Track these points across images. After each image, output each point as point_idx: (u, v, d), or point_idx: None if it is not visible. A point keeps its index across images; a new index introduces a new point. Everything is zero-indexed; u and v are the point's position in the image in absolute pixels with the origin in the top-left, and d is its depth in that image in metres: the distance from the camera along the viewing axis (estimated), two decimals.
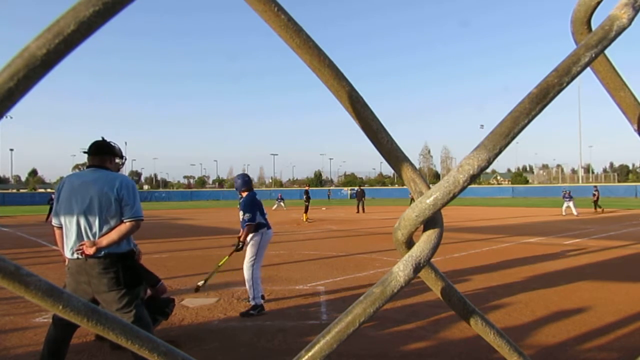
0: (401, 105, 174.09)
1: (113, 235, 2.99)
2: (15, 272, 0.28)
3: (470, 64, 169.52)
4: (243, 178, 5.51)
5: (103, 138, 3.30)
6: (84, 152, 3.25)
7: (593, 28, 0.39)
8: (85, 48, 0.29)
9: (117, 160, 3.33)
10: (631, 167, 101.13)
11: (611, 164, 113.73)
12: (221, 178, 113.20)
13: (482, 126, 77.16)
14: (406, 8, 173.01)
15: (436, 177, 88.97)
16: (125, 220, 3.04)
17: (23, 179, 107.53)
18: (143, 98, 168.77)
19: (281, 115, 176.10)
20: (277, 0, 0.33)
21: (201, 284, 5.48)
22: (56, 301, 0.29)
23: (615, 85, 0.43)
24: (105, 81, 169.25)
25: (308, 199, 22.18)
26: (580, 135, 75.28)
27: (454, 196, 0.34)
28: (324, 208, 32.84)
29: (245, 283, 5.13)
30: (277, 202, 31.70)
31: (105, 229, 3.00)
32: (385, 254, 9.30)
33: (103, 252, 2.98)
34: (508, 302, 5.35)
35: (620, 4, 0.35)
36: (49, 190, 56.95)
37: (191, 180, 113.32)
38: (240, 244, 5.22)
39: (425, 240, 0.36)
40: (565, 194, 21.91)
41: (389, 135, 0.37)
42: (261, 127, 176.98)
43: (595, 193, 23.52)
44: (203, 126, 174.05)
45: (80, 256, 2.97)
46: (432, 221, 0.36)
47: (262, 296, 5.19)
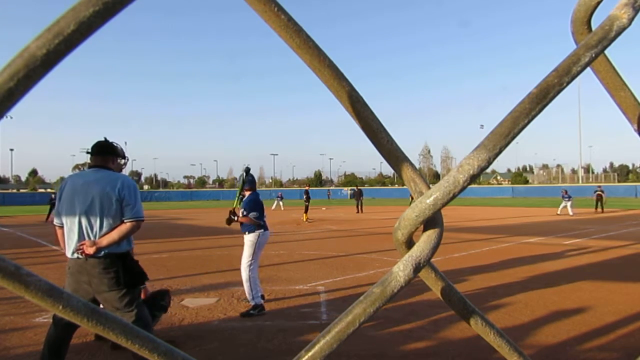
0: (401, 105, 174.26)
1: (113, 235, 2.99)
2: (15, 272, 0.28)
3: (469, 65, 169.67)
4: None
5: (105, 138, 3.32)
6: (87, 153, 3.26)
7: (593, 28, 0.39)
8: (85, 48, 0.29)
9: (120, 160, 3.36)
10: (631, 167, 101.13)
11: (611, 164, 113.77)
12: (221, 178, 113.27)
13: (482, 126, 77.22)
14: (406, 8, 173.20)
15: (436, 177, 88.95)
16: (125, 220, 3.04)
17: (23, 179, 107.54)
18: (143, 98, 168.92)
19: (281, 115, 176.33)
20: (277, 0, 0.33)
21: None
22: (56, 301, 0.29)
23: (615, 85, 0.43)
24: (105, 81, 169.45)
25: (308, 199, 22.20)
26: (580, 135, 75.32)
27: (454, 196, 0.34)
28: (324, 208, 32.84)
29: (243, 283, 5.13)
30: (277, 201, 31.74)
31: (105, 229, 3.01)
32: (385, 254, 9.30)
33: (103, 252, 2.99)
34: (508, 302, 5.35)
35: (620, 4, 0.35)
36: (49, 190, 57.03)
37: (191, 180, 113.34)
38: (233, 218, 5.26)
39: (425, 240, 0.36)
40: (564, 194, 21.95)
41: (389, 135, 0.37)
42: (261, 127, 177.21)
43: (600, 193, 23.53)
44: (203, 126, 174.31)
45: (80, 256, 2.98)
46: (432, 221, 0.36)
47: (262, 296, 5.19)
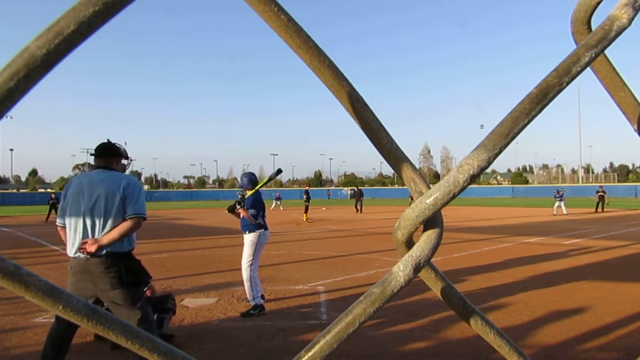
0: (401, 105, 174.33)
1: (114, 233, 2.99)
2: (15, 272, 0.28)
3: (470, 64, 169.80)
4: (249, 177, 5.53)
5: (109, 140, 3.33)
6: (91, 154, 3.28)
7: (593, 28, 0.39)
8: (85, 48, 0.29)
9: (123, 161, 3.38)
10: (631, 167, 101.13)
11: (611, 164, 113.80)
12: (221, 178, 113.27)
13: (482, 126, 77.26)
14: (406, 8, 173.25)
15: (436, 177, 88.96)
16: (127, 217, 3.05)
17: (23, 179, 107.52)
18: (143, 98, 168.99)
19: (281, 115, 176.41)
20: (277, 0, 0.33)
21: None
22: (56, 301, 0.29)
23: (615, 85, 0.43)
24: (105, 81, 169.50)
25: (308, 199, 22.21)
26: (580, 135, 75.37)
27: (454, 196, 0.34)
28: (324, 208, 32.84)
29: (244, 283, 5.14)
30: (275, 202, 31.79)
31: (108, 228, 3.02)
32: (385, 254, 9.30)
33: (105, 251, 2.99)
34: (508, 302, 5.35)
35: (620, 4, 0.35)
36: (49, 190, 56.92)
37: (191, 180, 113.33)
38: (236, 207, 5.24)
39: (425, 240, 0.36)
40: (556, 194, 21.96)
41: (389, 135, 0.37)
42: (261, 127, 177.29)
43: (601, 194, 23.55)
44: (203, 126, 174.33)
45: (82, 254, 2.98)
46: (432, 221, 0.36)
47: (262, 296, 5.19)
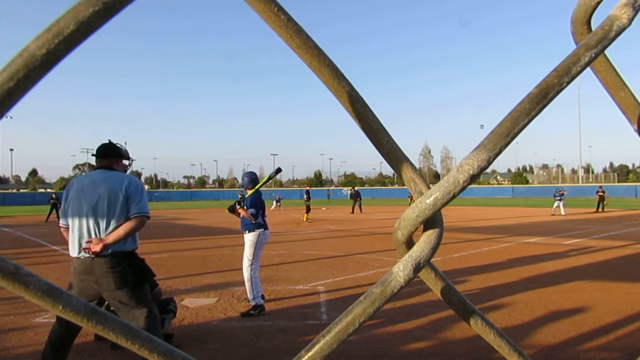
0: (401, 105, 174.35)
1: (119, 231, 3.00)
2: (15, 272, 0.28)
3: (470, 64, 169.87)
4: (250, 176, 5.54)
5: (110, 141, 3.34)
6: (92, 155, 3.29)
7: (593, 28, 0.39)
8: (85, 48, 0.29)
9: (125, 161, 3.38)
10: (631, 167, 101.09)
11: (611, 164, 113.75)
12: (221, 178, 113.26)
13: (482, 126, 77.33)
14: (406, 8, 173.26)
15: (436, 177, 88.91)
16: (131, 216, 3.05)
17: (23, 179, 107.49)
18: (143, 98, 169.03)
19: (281, 115, 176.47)
20: (277, 0, 0.33)
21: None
22: (56, 301, 0.29)
23: (615, 85, 0.43)
24: (105, 81, 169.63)
25: (309, 199, 22.23)
26: (580, 135, 75.49)
27: (454, 196, 0.34)
28: (324, 208, 32.83)
29: (244, 283, 5.14)
30: (275, 203, 31.81)
31: (112, 227, 3.02)
32: (385, 254, 9.30)
33: (110, 250, 3.00)
34: (508, 302, 5.35)
35: (620, 4, 0.35)
36: (49, 190, 56.98)
37: (191, 180, 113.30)
38: (236, 207, 5.25)
39: (425, 240, 0.36)
40: (556, 193, 21.94)
41: (389, 135, 0.37)
42: (261, 127, 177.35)
43: (602, 194, 23.56)
44: (203, 126, 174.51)
45: (86, 254, 2.98)
46: (432, 221, 0.36)
47: (262, 296, 5.19)
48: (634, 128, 0.43)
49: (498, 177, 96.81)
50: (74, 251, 3.06)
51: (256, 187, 5.32)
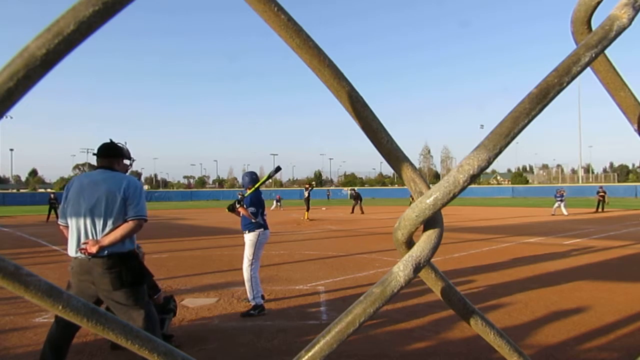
0: (401, 105, 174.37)
1: (116, 233, 2.99)
2: (15, 272, 0.28)
3: (470, 64, 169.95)
4: (250, 176, 5.54)
5: (111, 140, 3.32)
6: (93, 154, 3.27)
7: (593, 28, 0.39)
8: (85, 48, 0.29)
9: (125, 161, 3.36)
10: (631, 167, 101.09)
11: (611, 164, 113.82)
12: (221, 178, 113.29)
13: (482, 126, 77.35)
14: (406, 8, 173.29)
15: (436, 177, 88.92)
16: (128, 219, 3.05)
17: (23, 179, 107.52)
18: (143, 98, 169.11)
19: (281, 115, 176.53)
20: (277, 0, 0.33)
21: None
22: (56, 301, 0.29)
23: (615, 85, 0.43)
24: (105, 81, 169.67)
25: (309, 197, 22.26)
26: (580, 135, 75.38)
27: (454, 196, 0.34)
28: (324, 208, 32.82)
29: (244, 283, 5.14)
30: (275, 203, 31.83)
31: (109, 228, 3.01)
32: (385, 254, 9.30)
33: (106, 252, 2.99)
34: (508, 302, 5.35)
35: (620, 4, 0.35)
36: (49, 190, 56.91)
37: (191, 180, 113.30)
38: (236, 206, 5.25)
39: (425, 240, 0.36)
40: (557, 194, 21.95)
41: (389, 135, 0.37)
42: (261, 127, 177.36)
43: (602, 194, 23.55)
44: (203, 126, 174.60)
45: (83, 255, 2.98)
46: (432, 221, 0.36)
47: (262, 296, 5.19)
48: (634, 128, 0.43)
49: (498, 177, 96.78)
50: (72, 251, 3.06)
51: (256, 185, 5.32)
